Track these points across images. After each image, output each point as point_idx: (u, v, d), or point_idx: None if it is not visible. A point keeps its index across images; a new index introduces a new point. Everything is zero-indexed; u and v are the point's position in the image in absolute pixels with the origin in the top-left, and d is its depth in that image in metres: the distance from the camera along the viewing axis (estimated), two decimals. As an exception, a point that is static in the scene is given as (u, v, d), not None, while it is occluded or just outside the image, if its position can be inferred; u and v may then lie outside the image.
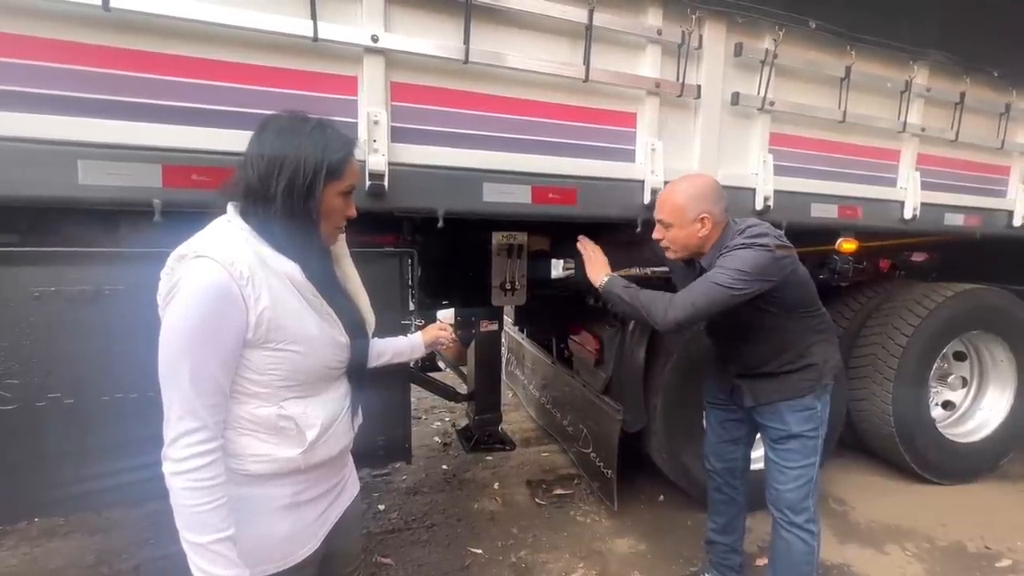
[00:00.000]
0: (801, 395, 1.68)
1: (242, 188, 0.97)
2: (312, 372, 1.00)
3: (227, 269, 0.88)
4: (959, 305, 2.82)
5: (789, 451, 1.71)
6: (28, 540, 2.32)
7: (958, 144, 2.62)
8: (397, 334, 1.90)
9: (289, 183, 0.94)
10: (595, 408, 2.59)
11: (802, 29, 2.11)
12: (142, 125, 1.38)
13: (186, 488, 0.86)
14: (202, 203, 1.43)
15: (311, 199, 0.97)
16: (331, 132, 1.01)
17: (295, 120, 1.00)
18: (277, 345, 0.94)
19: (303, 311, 0.97)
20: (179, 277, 0.88)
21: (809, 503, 1.71)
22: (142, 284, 1.49)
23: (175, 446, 0.87)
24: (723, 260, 1.52)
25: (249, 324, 0.90)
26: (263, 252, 0.94)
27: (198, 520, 0.87)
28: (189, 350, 0.87)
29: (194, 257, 0.89)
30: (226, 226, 0.96)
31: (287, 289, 0.95)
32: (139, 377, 1.48)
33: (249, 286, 0.89)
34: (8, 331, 1.38)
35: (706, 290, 1.49)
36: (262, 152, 0.95)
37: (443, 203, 1.71)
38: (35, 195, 1.31)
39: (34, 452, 1.44)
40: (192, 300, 0.87)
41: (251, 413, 0.95)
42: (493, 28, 1.71)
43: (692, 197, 1.58)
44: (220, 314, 0.88)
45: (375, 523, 2.51)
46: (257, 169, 0.95)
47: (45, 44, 1.30)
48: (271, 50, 1.49)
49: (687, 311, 1.50)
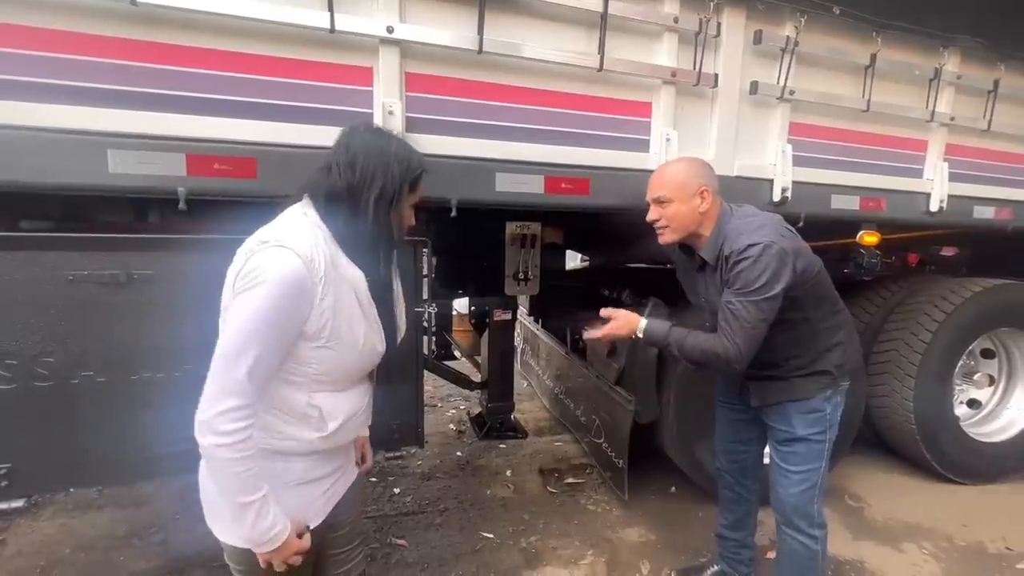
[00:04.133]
0: (810, 397, 1.61)
1: (324, 193, 1.02)
2: (348, 372, 1.06)
3: (306, 264, 0.93)
4: (988, 301, 2.73)
5: (793, 454, 1.65)
6: (65, 512, 2.46)
7: (990, 134, 2.52)
8: (412, 322, 1.96)
9: (380, 195, 1.01)
10: (608, 399, 2.60)
11: (826, 15, 2.05)
12: (167, 116, 1.43)
13: (234, 457, 0.91)
14: (223, 191, 1.50)
15: (396, 209, 1.05)
16: (411, 148, 1.10)
17: (380, 133, 1.09)
18: (327, 343, 0.99)
19: (357, 318, 1.03)
20: (261, 262, 0.92)
21: (812, 509, 1.65)
22: (171, 270, 1.58)
23: (223, 418, 0.90)
24: (739, 275, 1.43)
25: (310, 319, 0.95)
26: (336, 255, 1.00)
27: (246, 483, 0.92)
28: (260, 334, 0.91)
29: (277, 246, 0.93)
30: (303, 220, 1.01)
31: (350, 295, 1.01)
32: (167, 357, 1.56)
33: (321, 284, 0.95)
34: (44, 313, 1.46)
35: (748, 309, 1.41)
36: (352, 162, 1.02)
37: (456, 193, 1.73)
38: (68, 183, 1.37)
39: (69, 427, 1.52)
40: (274, 288, 0.91)
41: (282, 397, 1.00)
42: (507, 18, 1.72)
43: (691, 171, 1.55)
44: (295, 306, 0.93)
45: (390, 506, 2.58)
46: (347, 178, 1.01)
47: (76, 38, 1.36)
48: (289, 42, 1.53)
49: (750, 335, 1.42)
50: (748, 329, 1.42)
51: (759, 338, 1.45)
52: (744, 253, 1.43)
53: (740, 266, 1.43)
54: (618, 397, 2.50)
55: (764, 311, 1.42)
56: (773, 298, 1.42)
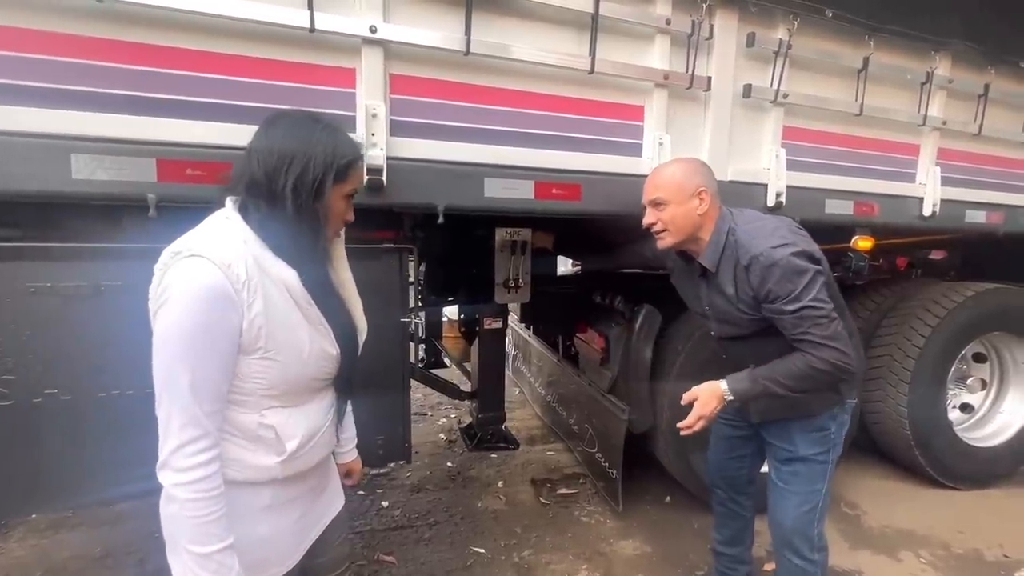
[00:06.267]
0: (815, 415, 1.53)
1: (245, 183, 0.93)
2: (297, 383, 0.97)
3: (223, 271, 0.84)
4: (980, 305, 2.72)
5: (794, 475, 1.57)
6: (37, 532, 2.35)
7: (981, 138, 2.52)
8: (396, 331, 1.89)
9: (298, 180, 0.91)
10: (601, 407, 2.55)
11: (818, 18, 2.03)
12: (136, 118, 1.36)
13: (191, 499, 0.84)
14: (197, 198, 1.42)
15: (319, 199, 0.94)
16: (341, 134, 0.99)
17: (306, 118, 0.98)
18: (265, 353, 0.90)
19: (296, 321, 0.94)
20: (171, 277, 0.84)
21: (812, 532, 1.56)
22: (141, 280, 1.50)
23: (178, 455, 0.83)
24: (780, 283, 1.34)
25: (241, 329, 0.87)
26: (261, 256, 0.90)
27: (203, 531, 0.85)
28: (188, 356, 0.83)
29: (189, 256, 0.84)
30: (224, 224, 0.92)
31: (282, 296, 0.92)
32: (137, 373, 1.47)
33: (245, 290, 0.86)
34: (3, 327, 1.37)
35: (812, 307, 1.33)
36: (271, 147, 0.92)
37: (443, 199, 1.67)
38: (28, 190, 1.29)
39: (31, 449, 1.43)
40: (187, 303, 0.83)
41: (231, 419, 0.92)
42: (495, 18, 1.67)
43: (688, 172, 1.48)
44: (218, 317, 0.84)
45: (378, 520, 2.50)
46: (264, 164, 0.91)
47: (37, 36, 1.28)
48: (267, 41, 1.46)
49: (833, 329, 1.33)
50: (827, 324, 1.33)
51: (840, 327, 1.36)
52: (770, 259, 1.34)
53: (773, 275, 1.34)
54: (611, 406, 2.45)
55: (824, 298, 1.35)
56: (821, 284, 1.35)
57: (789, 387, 1.39)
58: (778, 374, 1.40)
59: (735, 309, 1.48)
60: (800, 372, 1.37)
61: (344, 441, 1.29)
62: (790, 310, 1.34)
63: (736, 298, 1.46)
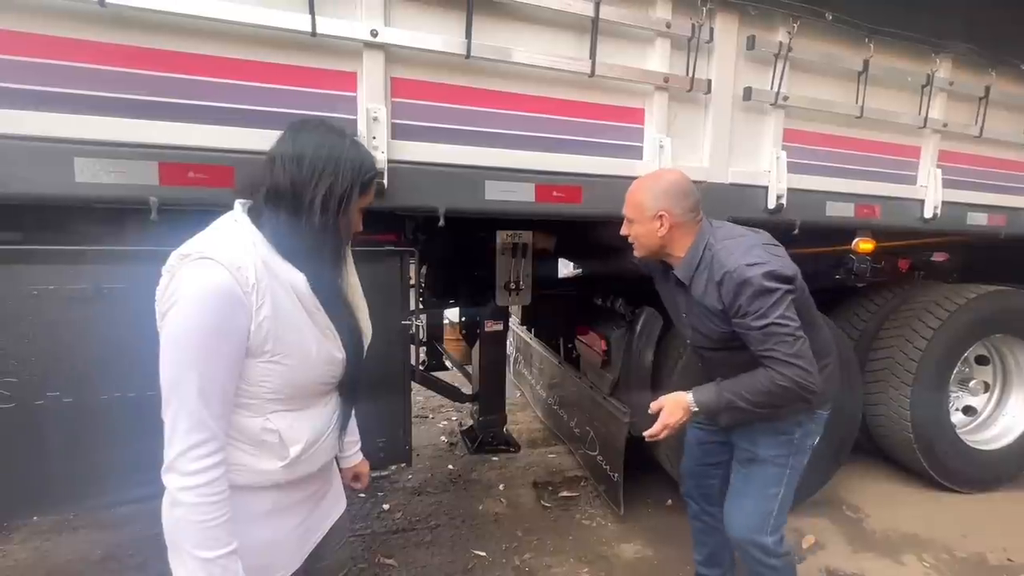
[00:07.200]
0: (779, 418, 1.52)
1: (266, 187, 0.93)
2: (303, 387, 0.97)
3: (233, 273, 0.84)
4: (982, 307, 2.71)
5: (750, 475, 1.58)
6: (38, 534, 2.35)
7: (982, 140, 2.52)
8: (398, 334, 1.89)
9: (328, 192, 0.92)
10: (602, 410, 2.54)
11: (818, 21, 2.04)
12: (138, 122, 1.37)
13: (197, 503, 0.83)
14: (199, 201, 1.43)
15: (346, 212, 0.95)
16: (364, 148, 1.01)
17: (332, 130, 0.98)
18: (272, 357, 0.90)
19: (304, 325, 0.94)
20: (180, 280, 0.84)
21: (766, 539, 1.54)
22: (143, 283, 1.50)
23: (184, 458, 0.83)
24: (750, 300, 1.35)
25: (249, 332, 0.87)
26: (270, 259, 0.90)
27: (208, 535, 0.85)
28: (197, 359, 0.83)
29: (198, 258, 0.84)
30: (232, 226, 0.92)
31: (290, 300, 0.92)
32: (139, 376, 1.48)
33: (254, 293, 0.86)
34: (6, 330, 1.38)
35: (777, 324, 1.34)
36: (298, 157, 0.92)
37: (444, 201, 1.68)
38: (31, 193, 1.30)
39: (34, 450, 1.44)
40: (196, 306, 0.83)
41: (235, 423, 0.92)
42: (496, 22, 1.68)
43: (652, 194, 1.46)
44: (228, 320, 0.84)
45: (379, 523, 2.50)
46: (291, 173, 0.91)
47: (41, 40, 1.29)
48: (269, 45, 1.47)
49: (798, 347, 1.34)
50: (792, 341, 1.35)
51: (805, 345, 1.37)
52: (741, 277, 1.35)
53: (744, 292, 1.35)
54: (613, 409, 2.45)
55: (791, 316, 1.36)
56: (789, 303, 1.36)
57: (753, 402, 1.41)
58: (743, 388, 1.42)
59: (708, 321, 1.49)
60: (763, 388, 1.38)
61: (348, 445, 1.28)
62: (757, 326, 1.36)
63: (708, 311, 1.47)
